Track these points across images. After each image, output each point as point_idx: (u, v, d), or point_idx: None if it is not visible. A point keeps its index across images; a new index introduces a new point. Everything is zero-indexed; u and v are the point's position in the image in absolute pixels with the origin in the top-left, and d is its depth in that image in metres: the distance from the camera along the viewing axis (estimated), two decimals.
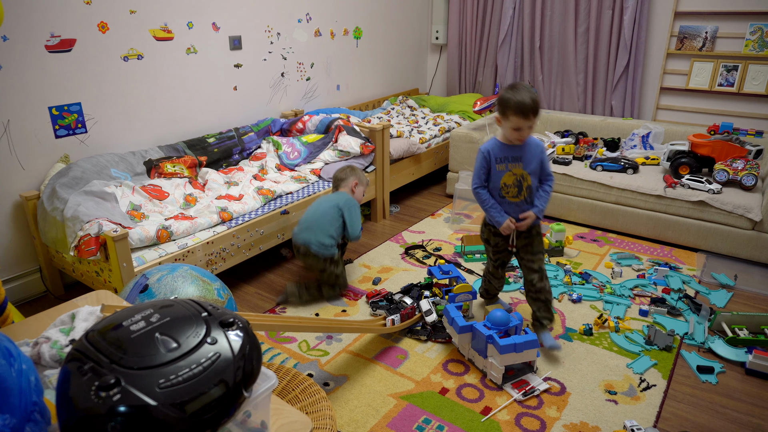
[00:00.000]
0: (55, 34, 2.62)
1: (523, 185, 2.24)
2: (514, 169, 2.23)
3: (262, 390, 0.85)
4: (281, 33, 3.81)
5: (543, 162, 2.25)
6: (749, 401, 2.07)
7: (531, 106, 2.07)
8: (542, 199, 2.27)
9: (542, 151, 2.25)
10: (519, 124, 2.11)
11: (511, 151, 2.22)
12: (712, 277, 2.93)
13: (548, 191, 2.29)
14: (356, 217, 2.77)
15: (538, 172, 2.25)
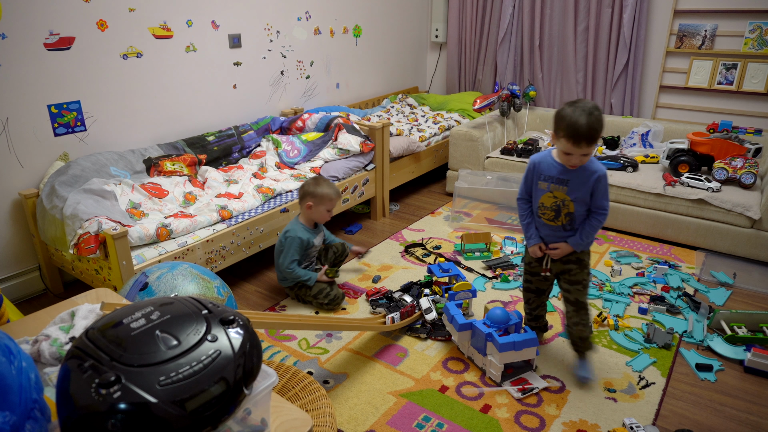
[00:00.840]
0: (53, 32, 2.61)
1: (562, 211, 1.98)
2: (556, 191, 1.96)
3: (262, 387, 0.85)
4: (281, 31, 3.81)
5: (596, 192, 1.94)
6: (748, 399, 2.08)
7: (585, 133, 1.78)
8: (585, 233, 1.99)
9: (599, 180, 1.93)
10: (569, 149, 1.84)
11: (559, 172, 1.95)
12: (711, 276, 2.94)
13: (595, 226, 1.98)
14: (288, 249, 2.59)
15: (587, 201, 1.96)
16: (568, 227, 2.01)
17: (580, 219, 1.99)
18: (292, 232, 2.61)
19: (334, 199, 2.64)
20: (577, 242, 2.01)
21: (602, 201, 1.96)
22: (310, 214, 2.65)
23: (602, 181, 1.94)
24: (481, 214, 3.72)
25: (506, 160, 3.81)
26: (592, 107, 1.81)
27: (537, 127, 4.52)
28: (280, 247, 2.65)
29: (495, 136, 4.11)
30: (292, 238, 2.59)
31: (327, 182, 2.66)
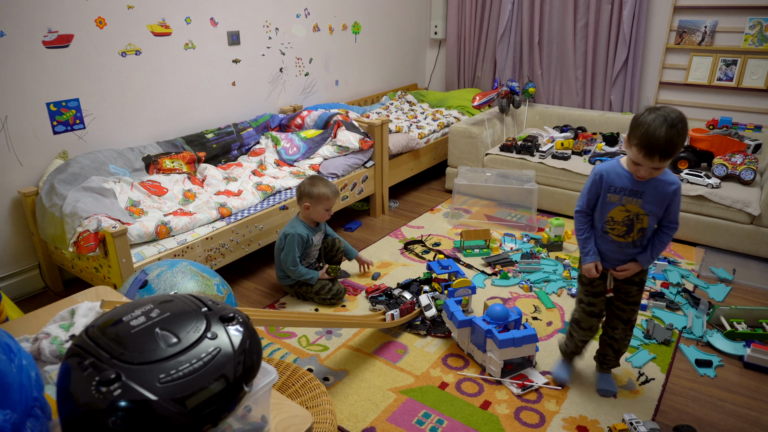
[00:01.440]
0: (52, 30, 2.61)
1: (635, 226, 1.80)
2: (629, 205, 1.78)
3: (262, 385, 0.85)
4: (279, 28, 3.80)
5: (671, 205, 1.78)
6: (747, 394, 2.08)
7: (661, 146, 1.60)
8: (656, 249, 1.83)
9: (676, 192, 1.76)
10: (639, 159, 1.66)
11: (632, 183, 1.76)
12: (711, 272, 2.94)
13: (666, 242, 1.83)
14: (289, 248, 2.58)
15: (660, 215, 1.79)
16: (638, 244, 1.83)
17: (650, 234, 1.83)
18: (291, 230, 2.61)
19: (331, 198, 2.62)
20: (647, 260, 1.84)
21: (676, 215, 1.80)
22: (309, 214, 2.65)
23: (678, 194, 1.77)
24: (481, 211, 3.72)
25: (505, 156, 3.81)
26: (676, 118, 1.60)
27: (536, 124, 4.52)
28: (281, 245, 2.64)
29: (494, 132, 4.10)
30: (291, 235, 2.59)
31: (323, 181, 2.65)
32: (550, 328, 2.47)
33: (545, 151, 3.74)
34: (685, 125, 1.63)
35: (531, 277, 2.87)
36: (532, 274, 2.91)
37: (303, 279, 2.63)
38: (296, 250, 2.59)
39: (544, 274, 2.91)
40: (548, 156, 3.73)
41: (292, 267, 2.59)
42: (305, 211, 2.64)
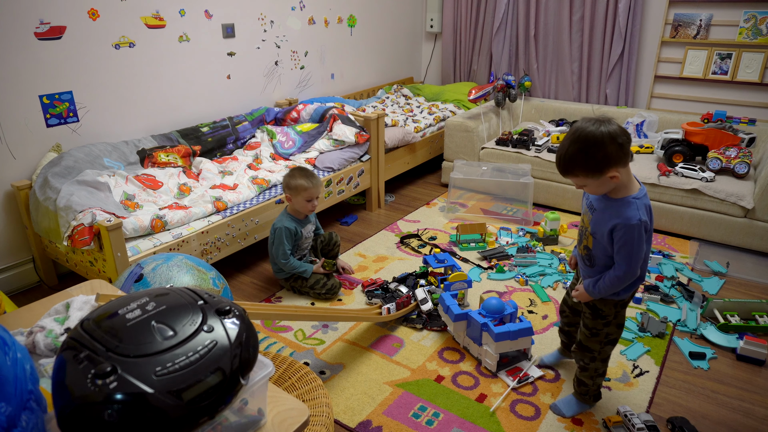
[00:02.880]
0: (44, 21, 2.58)
1: (583, 241, 1.75)
2: (585, 216, 1.72)
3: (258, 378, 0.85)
4: (275, 21, 3.78)
5: (614, 243, 1.60)
6: (740, 386, 2.10)
7: (559, 160, 1.58)
8: (599, 282, 1.68)
9: (616, 230, 1.58)
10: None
11: (594, 197, 1.67)
12: (705, 265, 2.96)
13: (607, 279, 1.65)
14: (278, 242, 2.58)
15: (607, 249, 1.64)
16: (587, 262, 1.74)
17: (600, 262, 1.69)
18: (278, 223, 2.61)
19: (309, 188, 2.56)
20: (589, 287, 1.72)
21: (620, 257, 1.60)
22: (292, 207, 2.64)
23: (623, 234, 1.56)
24: (477, 205, 3.73)
25: (501, 150, 3.81)
26: (582, 136, 1.52)
27: (532, 118, 4.52)
28: (272, 239, 2.64)
29: (490, 126, 4.10)
30: (279, 228, 2.59)
31: (303, 172, 2.60)
32: (545, 321, 2.48)
33: (541, 144, 3.74)
34: (594, 144, 1.50)
35: (527, 271, 2.88)
36: (527, 268, 2.92)
37: (296, 272, 2.63)
38: (285, 243, 2.58)
39: (539, 267, 2.92)
40: (544, 150, 3.74)
41: (283, 260, 2.59)
42: (289, 203, 2.63)
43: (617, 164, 1.52)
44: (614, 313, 1.77)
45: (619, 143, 1.51)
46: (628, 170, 1.58)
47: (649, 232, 1.60)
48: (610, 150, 1.50)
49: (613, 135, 1.50)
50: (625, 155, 1.53)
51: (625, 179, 1.57)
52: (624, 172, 1.55)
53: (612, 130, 1.51)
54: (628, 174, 1.58)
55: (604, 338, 1.80)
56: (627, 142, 1.53)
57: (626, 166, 1.56)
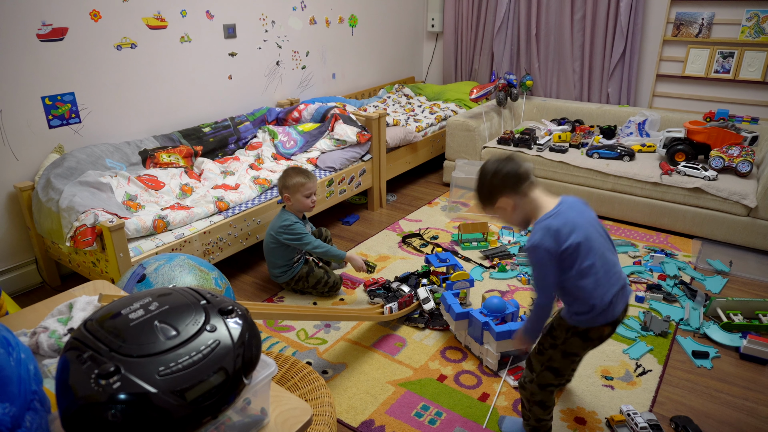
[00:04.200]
0: (46, 23, 2.59)
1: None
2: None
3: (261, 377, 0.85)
4: (276, 21, 3.78)
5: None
6: (743, 385, 2.10)
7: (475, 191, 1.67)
8: (528, 317, 1.67)
9: (527, 255, 1.60)
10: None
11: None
12: (708, 264, 2.95)
13: (531, 312, 1.65)
14: (295, 238, 2.54)
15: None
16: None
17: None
18: (288, 221, 2.57)
19: (306, 183, 2.56)
20: (520, 329, 1.71)
21: (534, 284, 1.59)
22: (293, 207, 2.63)
23: (528, 261, 1.56)
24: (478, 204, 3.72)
25: (503, 149, 3.81)
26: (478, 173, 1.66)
27: (534, 117, 4.52)
28: (273, 243, 2.62)
29: (492, 125, 4.10)
30: (292, 226, 2.55)
31: (296, 170, 2.60)
32: None
33: (543, 144, 3.74)
34: (480, 178, 1.63)
35: (529, 270, 2.88)
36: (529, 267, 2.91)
37: (330, 254, 2.60)
38: (304, 233, 2.55)
39: None
40: (546, 149, 3.73)
41: (313, 247, 2.55)
42: (288, 203, 2.61)
43: (503, 194, 1.59)
44: (563, 339, 1.63)
45: (503, 175, 1.58)
46: (530, 199, 1.58)
47: (554, 254, 1.49)
48: (494, 181, 1.59)
49: (498, 169, 1.59)
50: (511, 186, 1.57)
51: (529, 208, 1.59)
52: (522, 202, 1.58)
53: (497, 166, 1.60)
54: (530, 202, 1.58)
55: (546, 360, 1.67)
56: (513, 175, 1.57)
57: (522, 195, 1.58)
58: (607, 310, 1.54)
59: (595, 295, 1.53)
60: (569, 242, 1.48)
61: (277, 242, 2.60)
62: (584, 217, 1.56)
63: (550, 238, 1.49)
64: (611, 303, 1.54)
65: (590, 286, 1.52)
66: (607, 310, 1.55)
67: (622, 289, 1.58)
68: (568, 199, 1.59)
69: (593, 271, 1.51)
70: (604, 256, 1.54)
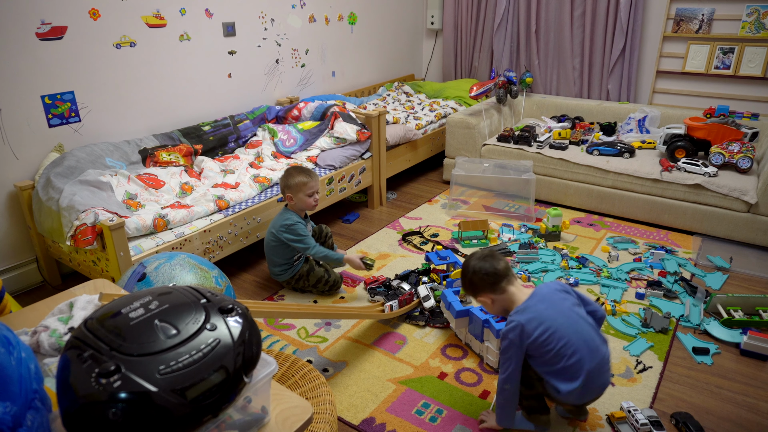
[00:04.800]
0: (45, 22, 2.58)
1: None
2: None
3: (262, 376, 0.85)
4: (275, 19, 3.77)
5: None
6: (744, 381, 2.10)
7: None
8: (498, 406, 1.78)
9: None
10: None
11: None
12: (708, 260, 2.95)
13: (499, 399, 1.76)
14: (297, 239, 2.55)
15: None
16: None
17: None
18: (290, 221, 2.57)
19: (308, 182, 2.56)
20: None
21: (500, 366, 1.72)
22: (295, 206, 2.63)
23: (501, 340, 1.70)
24: (479, 202, 3.72)
25: (503, 147, 3.81)
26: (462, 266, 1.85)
27: (534, 114, 4.51)
28: (274, 241, 2.62)
29: (491, 123, 4.09)
30: (293, 225, 2.55)
31: (298, 169, 2.59)
32: None
33: (543, 141, 3.74)
34: (464, 274, 1.81)
35: (529, 267, 2.88)
36: (530, 265, 2.91)
37: (329, 259, 2.61)
38: (305, 234, 2.55)
39: (542, 264, 2.91)
40: (546, 146, 3.73)
41: (312, 251, 2.56)
42: (291, 203, 2.61)
43: (484, 292, 1.77)
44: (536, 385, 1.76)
45: (482, 275, 1.75)
46: (507, 294, 1.75)
47: (518, 345, 1.64)
48: (474, 280, 1.78)
49: (477, 269, 1.76)
50: (491, 285, 1.75)
51: (506, 302, 1.76)
52: (500, 298, 1.76)
53: (478, 266, 1.77)
54: (507, 298, 1.75)
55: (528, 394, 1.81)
56: (492, 275, 1.74)
57: (500, 293, 1.75)
58: (587, 390, 1.66)
59: (581, 371, 1.63)
60: (535, 334, 1.63)
61: (278, 240, 2.60)
62: (556, 308, 1.68)
63: (516, 331, 1.65)
64: (593, 379, 1.65)
65: (572, 365, 1.63)
66: (587, 391, 1.66)
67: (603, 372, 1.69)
68: (541, 290, 1.74)
69: (570, 352, 1.63)
70: (581, 338, 1.65)
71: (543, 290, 1.75)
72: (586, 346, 1.65)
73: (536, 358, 1.68)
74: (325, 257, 2.61)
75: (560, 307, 1.69)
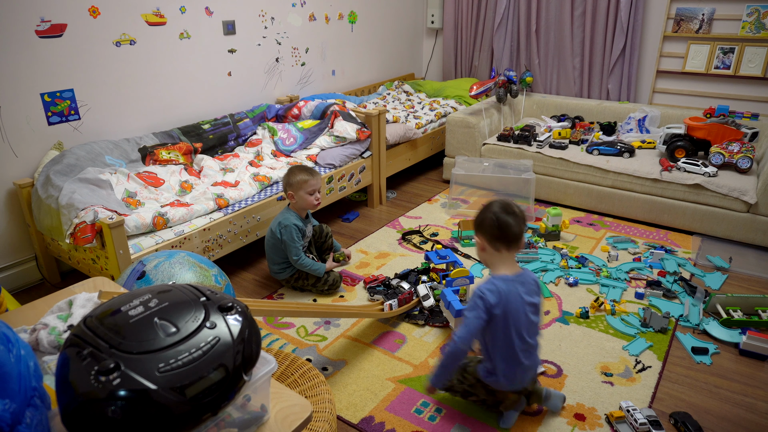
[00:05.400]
0: (45, 19, 2.58)
1: None
2: None
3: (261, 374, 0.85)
4: (275, 17, 3.77)
5: None
6: (743, 381, 2.10)
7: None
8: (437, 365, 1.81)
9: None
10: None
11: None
12: (707, 260, 2.95)
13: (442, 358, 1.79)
14: (290, 241, 2.55)
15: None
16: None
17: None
18: (286, 221, 2.58)
19: (309, 180, 2.56)
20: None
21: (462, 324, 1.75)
22: (296, 204, 2.63)
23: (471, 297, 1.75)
24: (478, 201, 3.72)
25: (503, 146, 3.80)
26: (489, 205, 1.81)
27: (534, 113, 4.51)
28: (273, 239, 2.62)
29: (491, 122, 4.09)
30: (288, 227, 2.57)
31: (299, 168, 2.60)
32: (547, 317, 2.48)
33: (542, 140, 3.74)
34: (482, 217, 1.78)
35: (529, 267, 2.88)
36: (529, 264, 2.91)
37: (308, 271, 2.62)
38: (297, 240, 2.57)
39: (541, 263, 2.91)
40: (545, 145, 3.73)
41: (296, 257, 2.57)
42: (292, 201, 2.62)
43: (484, 237, 1.77)
44: (472, 383, 1.87)
45: (495, 223, 1.73)
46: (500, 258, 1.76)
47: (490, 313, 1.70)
48: (485, 221, 1.76)
49: (494, 215, 1.74)
50: (492, 237, 1.74)
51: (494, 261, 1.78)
52: (490, 253, 1.77)
53: (497, 214, 1.74)
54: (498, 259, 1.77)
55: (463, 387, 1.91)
56: (504, 229, 1.72)
57: (494, 249, 1.76)
58: (508, 377, 1.77)
59: (508, 373, 1.75)
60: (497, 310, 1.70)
61: (277, 239, 2.60)
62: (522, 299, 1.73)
63: (497, 298, 1.70)
64: (522, 374, 1.78)
65: (501, 353, 1.74)
66: (508, 378, 1.77)
67: (529, 368, 1.79)
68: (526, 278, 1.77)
69: (507, 342, 1.73)
70: (520, 334, 1.74)
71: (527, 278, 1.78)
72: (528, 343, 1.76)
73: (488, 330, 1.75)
74: (310, 270, 2.61)
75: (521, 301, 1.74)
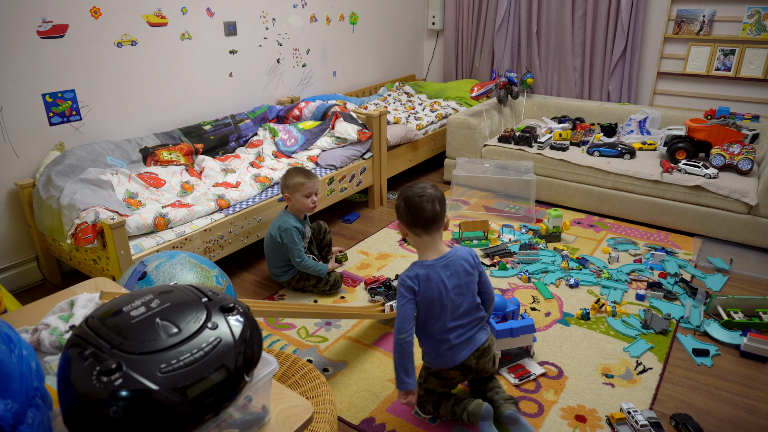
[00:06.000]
0: (46, 20, 2.58)
1: None
2: None
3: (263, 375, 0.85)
4: (276, 18, 3.77)
5: None
6: (744, 383, 2.10)
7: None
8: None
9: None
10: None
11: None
12: (708, 262, 2.95)
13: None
14: (290, 243, 2.54)
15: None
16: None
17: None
18: (286, 224, 2.57)
19: (306, 183, 2.55)
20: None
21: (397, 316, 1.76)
22: (293, 206, 2.63)
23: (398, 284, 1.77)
24: (479, 202, 3.72)
25: (504, 147, 3.81)
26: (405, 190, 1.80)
27: (534, 115, 4.51)
28: (273, 243, 2.62)
29: (492, 123, 4.10)
30: (288, 229, 2.56)
31: (297, 170, 2.59)
32: (548, 318, 2.48)
33: (543, 142, 3.74)
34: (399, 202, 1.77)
35: (529, 268, 2.88)
36: (530, 265, 2.91)
37: (310, 272, 2.61)
38: (298, 242, 2.57)
39: (542, 264, 2.91)
40: (546, 147, 3.73)
41: (298, 259, 2.56)
42: (289, 203, 2.61)
43: (401, 222, 1.78)
44: (424, 377, 1.91)
45: (407, 208, 1.73)
46: (422, 242, 1.77)
47: (419, 296, 1.73)
48: (399, 206, 1.77)
49: (407, 200, 1.74)
50: (407, 222, 1.75)
51: (418, 245, 1.79)
52: (412, 238, 1.78)
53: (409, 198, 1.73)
54: (421, 243, 1.77)
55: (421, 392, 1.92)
56: (415, 213, 1.71)
57: (414, 234, 1.76)
58: (445, 355, 1.79)
59: (433, 342, 1.80)
60: (419, 296, 1.73)
61: (277, 243, 2.60)
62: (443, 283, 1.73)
63: (411, 281, 1.73)
64: (450, 351, 1.79)
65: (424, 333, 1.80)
66: (446, 356, 1.79)
67: (466, 341, 1.80)
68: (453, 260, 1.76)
69: (430, 323, 1.77)
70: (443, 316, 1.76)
71: (454, 260, 1.76)
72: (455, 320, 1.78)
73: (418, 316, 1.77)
74: (309, 270, 2.60)
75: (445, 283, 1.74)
